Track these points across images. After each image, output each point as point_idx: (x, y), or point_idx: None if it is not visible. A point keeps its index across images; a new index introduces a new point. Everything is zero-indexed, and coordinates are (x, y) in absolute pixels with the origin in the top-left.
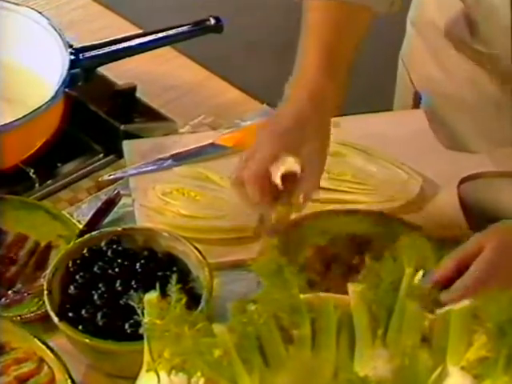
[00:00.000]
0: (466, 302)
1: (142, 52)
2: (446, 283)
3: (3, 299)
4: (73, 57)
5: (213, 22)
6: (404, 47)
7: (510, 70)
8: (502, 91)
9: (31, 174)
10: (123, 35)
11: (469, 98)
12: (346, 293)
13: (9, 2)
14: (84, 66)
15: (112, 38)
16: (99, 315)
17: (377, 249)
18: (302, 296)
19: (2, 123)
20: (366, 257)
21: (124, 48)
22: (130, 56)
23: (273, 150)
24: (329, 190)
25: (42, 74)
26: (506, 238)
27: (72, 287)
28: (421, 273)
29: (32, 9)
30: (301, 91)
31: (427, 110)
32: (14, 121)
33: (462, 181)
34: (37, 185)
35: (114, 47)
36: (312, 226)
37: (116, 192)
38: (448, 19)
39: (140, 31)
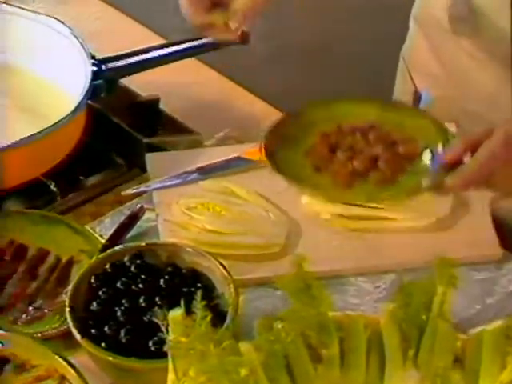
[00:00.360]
0: (498, 323)
1: (166, 63)
2: (455, 167)
3: (24, 316)
4: (95, 68)
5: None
6: (406, 45)
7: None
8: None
9: (52, 187)
10: (147, 46)
11: (471, 96)
12: (348, 178)
13: (31, 12)
14: (107, 78)
15: (135, 49)
16: (122, 332)
17: (382, 132)
18: (330, 314)
19: (23, 136)
20: (369, 139)
21: (147, 59)
22: (153, 67)
23: None
24: (357, 205)
25: (64, 86)
26: None
27: (95, 303)
28: (429, 153)
29: (54, 18)
30: None
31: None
32: (36, 133)
33: (495, 198)
34: (58, 199)
35: (137, 58)
36: (320, 113)
37: (139, 206)
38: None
39: (164, 42)
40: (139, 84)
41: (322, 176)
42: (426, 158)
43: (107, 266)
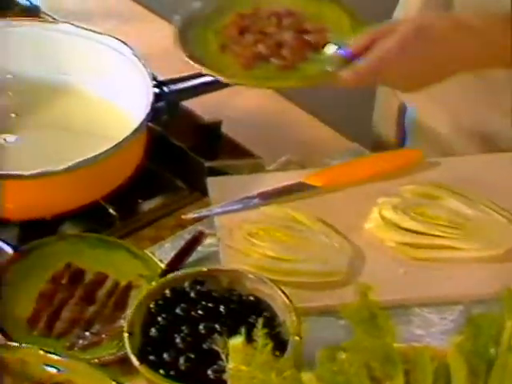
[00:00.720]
0: None
1: (229, 86)
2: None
3: (80, 341)
4: (157, 90)
5: None
6: None
7: None
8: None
9: (112, 211)
10: None
11: (452, 99)
12: (249, 60)
13: (93, 32)
14: (168, 100)
15: (197, 71)
16: (181, 359)
17: (296, 20)
18: (395, 345)
19: (83, 158)
20: (283, 25)
21: (210, 82)
22: (215, 90)
23: None
24: (422, 234)
25: (125, 107)
26: (425, 23)
27: (153, 329)
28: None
29: (116, 39)
30: None
31: (411, 124)
32: (96, 155)
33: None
34: (117, 222)
35: (199, 80)
36: None
37: (200, 231)
38: None
39: None
40: (201, 107)
41: (225, 55)
42: (332, 48)
43: (167, 292)
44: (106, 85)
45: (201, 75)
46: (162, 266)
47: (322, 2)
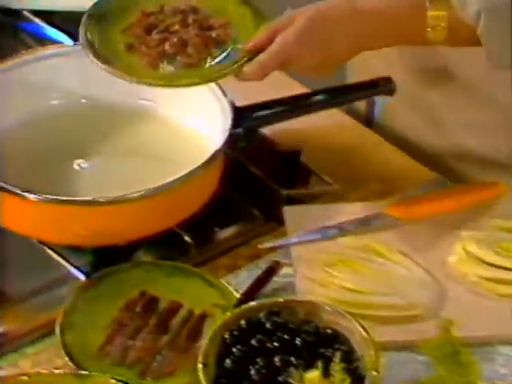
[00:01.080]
0: None
1: (308, 113)
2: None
3: (153, 370)
4: (235, 116)
5: (384, 83)
6: None
7: None
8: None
9: (187, 238)
10: (288, 95)
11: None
12: (155, 59)
13: None
14: (246, 126)
15: (276, 98)
16: None
17: (201, 16)
18: None
19: (158, 184)
20: (188, 22)
21: (289, 108)
22: (294, 117)
23: None
24: (507, 269)
25: (202, 133)
26: (321, 10)
27: (228, 360)
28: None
29: None
30: None
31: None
32: (171, 181)
33: None
34: (192, 250)
35: (278, 107)
36: None
37: (276, 261)
38: None
39: (306, 91)
40: (279, 134)
41: (132, 55)
42: (237, 44)
43: (242, 322)
44: (183, 110)
45: (279, 102)
46: (238, 295)
47: None
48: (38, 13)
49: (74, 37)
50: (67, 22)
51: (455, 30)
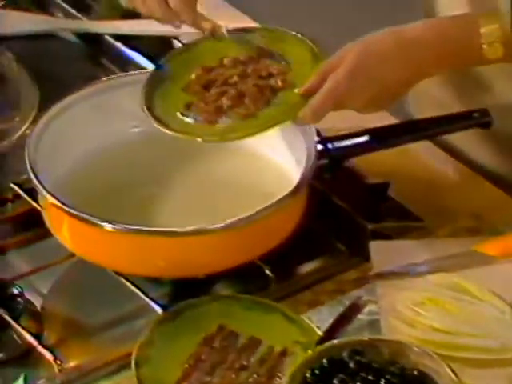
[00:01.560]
0: None
1: (397, 145)
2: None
3: None
4: (321, 146)
5: (479, 115)
6: None
7: None
8: None
9: (268, 272)
10: (377, 125)
11: None
12: (212, 115)
13: None
14: (332, 157)
15: (364, 128)
16: None
17: (260, 65)
18: None
19: (239, 216)
20: (247, 72)
21: (377, 140)
22: (383, 149)
23: None
24: None
25: (285, 163)
26: (368, 45)
27: None
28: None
29: None
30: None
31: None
32: (253, 214)
33: None
34: (273, 284)
35: (365, 138)
36: (208, 47)
37: (361, 297)
38: None
39: (395, 122)
40: (367, 165)
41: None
42: (293, 88)
43: (324, 361)
44: (267, 139)
45: (367, 132)
46: (320, 332)
47: (285, 41)
48: (119, 37)
49: (155, 62)
50: (150, 46)
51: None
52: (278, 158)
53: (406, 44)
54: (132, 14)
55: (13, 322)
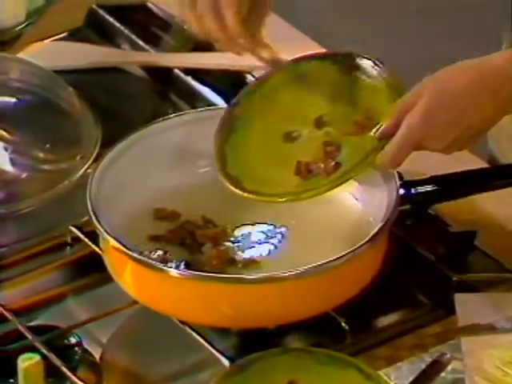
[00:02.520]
0: None
1: (486, 191)
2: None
3: None
4: (403, 191)
5: None
6: None
7: None
8: None
9: (343, 324)
10: (465, 169)
11: None
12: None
13: None
14: (415, 203)
15: (450, 172)
16: None
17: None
18: None
19: (314, 263)
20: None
21: (464, 185)
22: (470, 195)
23: None
24: None
25: (364, 208)
26: (446, 81)
27: None
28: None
29: None
30: None
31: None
32: (328, 262)
33: None
34: (349, 337)
35: (452, 183)
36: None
37: (444, 354)
38: None
39: (483, 166)
40: (452, 212)
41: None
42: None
43: None
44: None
45: (454, 177)
46: None
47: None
48: (189, 71)
49: (227, 97)
50: (221, 81)
51: None
52: (357, 203)
53: (487, 78)
54: (204, 47)
55: (69, 374)
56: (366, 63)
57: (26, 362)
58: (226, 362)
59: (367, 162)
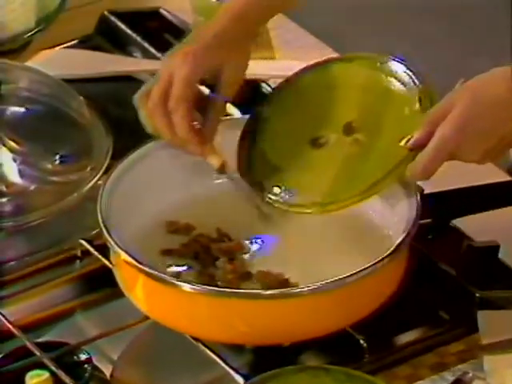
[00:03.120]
0: None
1: (510, 205)
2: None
3: None
4: (423, 204)
5: None
6: None
7: None
8: None
9: (361, 341)
10: (488, 182)
11: None
12: None
13: None
14: (436, 216)
15: (473, 185)
16: None
17: None
18: None
19: (330, 279)
20: None
21: (487, 198)
22: (493, 208)
23: (192, 70)
24: None
25: (383, 221)
26: (478, 91)
27: None
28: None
29: None
30: (222, 12)
31: None
32: (345, 277)
33: None
34: (367, 356)
35: (474, 196)
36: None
37: (466, 373)
38: None
39: (504, 177)
40: (474, 226)
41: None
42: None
43: None
44: None
45: (477, 190)
46: None
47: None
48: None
49: (241, 107)
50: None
51: None
52: (377, 216)
53: None
54: None
55: None
56: (398, 68)
57: (35, 379)
58: (240, 380)
59: (396, 173)
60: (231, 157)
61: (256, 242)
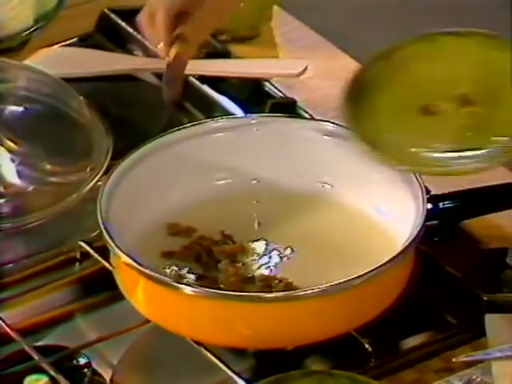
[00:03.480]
0: None
1: None
2: None
3: None
4: (430, 205)
5: None
6: None
7: None
8: None
9: (366, 346)
10: (499, 182)
11: None
12: None
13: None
14: (443, 218)
15: (483, 186)
16: None
17: None
18: None
19: (335, 281)
20: None
21: (496, 199)
22: (503, 210)
23: None
24: None
25: (388, 223)
26: None
27: None
28: None
29: None
30: None
31: None
32: (350, 280)
33: None
34: (372, 360)
35: (483, 197)
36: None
37: (474, 378)
38: None
39: None
40: (482, 227)
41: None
42: None
43: None
44: (366, 195)
45: (486, 191)
46: None
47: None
48: (204, 79)
49: (244, 106)
50: (238, 89)
51: None
52: (383, 217)
53: None
54: (219, 54)
55: None
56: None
57: None
58: None
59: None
60: (232, 156)
61: (259, 245)
